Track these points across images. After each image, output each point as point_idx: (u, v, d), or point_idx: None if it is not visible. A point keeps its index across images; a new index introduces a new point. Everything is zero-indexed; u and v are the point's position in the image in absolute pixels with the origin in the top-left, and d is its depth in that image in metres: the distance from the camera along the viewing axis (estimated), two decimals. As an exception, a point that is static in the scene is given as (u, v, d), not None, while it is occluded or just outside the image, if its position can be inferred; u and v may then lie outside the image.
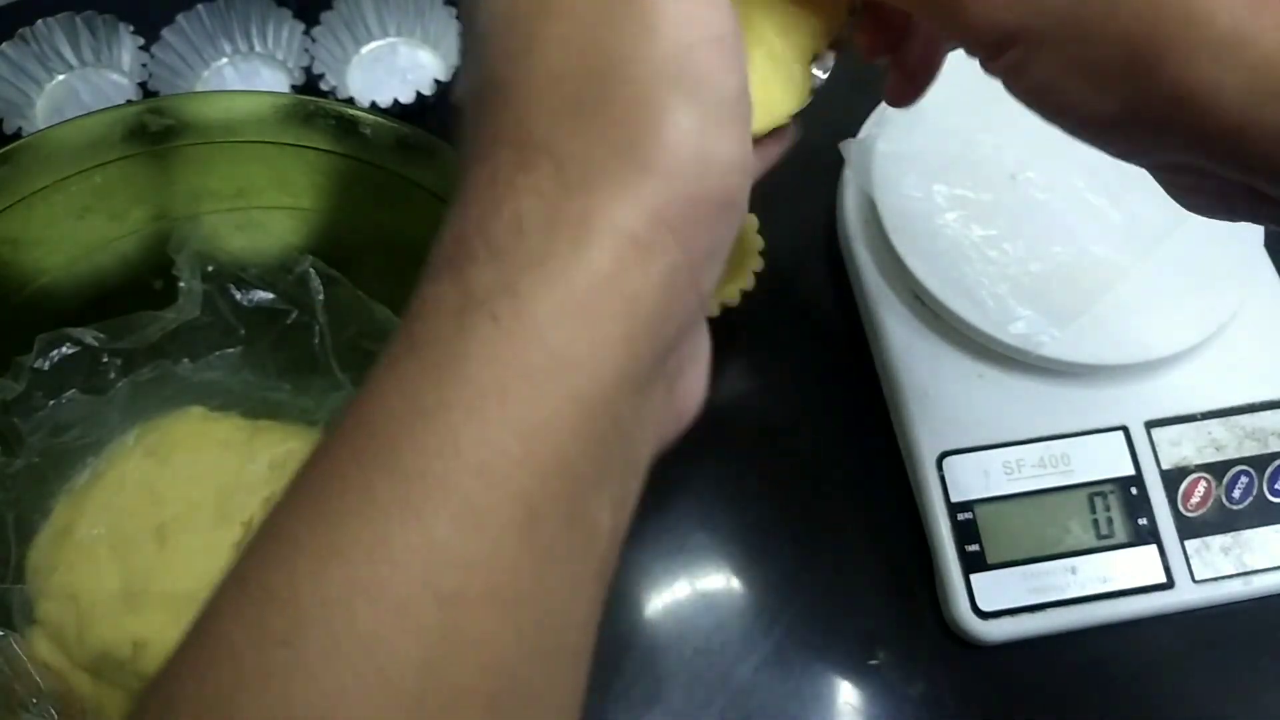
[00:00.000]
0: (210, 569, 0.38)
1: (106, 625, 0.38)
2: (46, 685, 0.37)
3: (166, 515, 0.40)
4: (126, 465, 0.42)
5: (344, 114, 0.41)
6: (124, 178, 0.42)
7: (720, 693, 0.43)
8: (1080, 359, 0.45)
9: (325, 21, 0.55)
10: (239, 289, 0.44)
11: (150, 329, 0.42)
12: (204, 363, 0.45)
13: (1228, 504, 0.45)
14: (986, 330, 0.45)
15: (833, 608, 0.45)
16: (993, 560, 0.43)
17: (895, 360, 0.47)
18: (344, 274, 0.43)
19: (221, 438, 0.42)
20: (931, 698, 0.44)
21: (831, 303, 0.51)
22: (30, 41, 0.54)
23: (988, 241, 0.46)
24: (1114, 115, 0.23)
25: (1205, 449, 0.46)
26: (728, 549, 0.46)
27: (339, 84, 0.54)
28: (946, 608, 0.44)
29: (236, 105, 0.42)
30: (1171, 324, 0.45)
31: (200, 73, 0.56)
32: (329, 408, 0.44)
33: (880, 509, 0.47)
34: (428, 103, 0.53)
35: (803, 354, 0.50)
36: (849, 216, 0.50)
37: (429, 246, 0.23)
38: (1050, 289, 0.45)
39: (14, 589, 0.39)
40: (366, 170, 0.42)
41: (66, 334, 0.42)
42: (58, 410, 0.42)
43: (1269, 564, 0.44)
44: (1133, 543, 0.44)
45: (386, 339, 0.22)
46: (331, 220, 0.43)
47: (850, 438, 0.48)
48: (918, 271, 0.46)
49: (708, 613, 0.45)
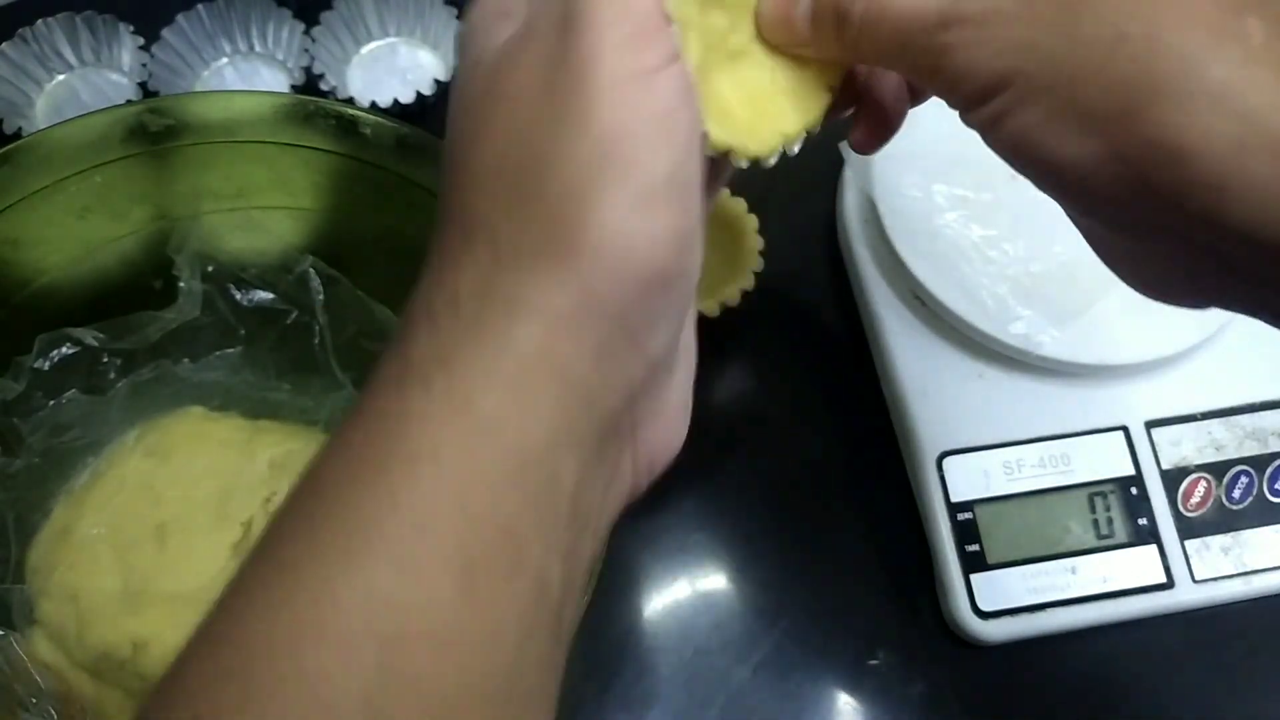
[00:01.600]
0: (210, 569, 0.38)
1: (106, 625, 0.38)
2: (46, 685, 0.37)
3: (166, 515, 0.40)
4: (126, 465, 0.42)
5: (344, 114, 0.41)
6: (124, 178, 0.42)
7: (720, 693, 0.43)
8: (1080, 359, 0.45)
9: (325, 21, 0.55)
10: (239, 289, 0.44)
11: (150, 329, 0.42)
12: (204, 363, 0.45)
13: (1228, 504, 0.45)
14: (986, 330, 0.45)
15: (833, 608, 0.45)
16: (993, 560, 0.43)
17: (895, 360, 0.47)
18: (344, 274, 0.43)
19: (221, 438, 0.42)
20: (931, 698, 0.44)
21: (831, 303, 0.51)
22: (30, 41, 0.54)
23: (988, 241, 0.46)
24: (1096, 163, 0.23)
25: (1205, 449, 0.46)
26: (728, 549, 0.46)
27: (339, 84, 0.54)
28: (946, 608, 0.44)
29: (236, 105, 0.42)
30: (1171, 324, 0.45)
31: (200, 73, 0.56)
32: (329, 408, 0.44)
33: (880, 509, 0.47)
34: (428, 103, 0.53)
35: (803, 354, 0.50)
36: (849, 216, 0.50)
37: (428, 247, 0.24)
38: (1050, 289, 0.45)
39: (14, 589, 0.39)
40: (366, 170, 0.42)
41: (66, 334, 0.42)
42: (58, 410, 0.42)
43: (1269, 564, 0.44)
44: (1133, 543, 0.44)
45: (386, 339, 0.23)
46: (331, 220, 0.43)
47: (850, 438, 0.48)
48: (918, 271, 0.46)
49: (708, 613, 0.45)
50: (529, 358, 0.23)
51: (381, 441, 0.23)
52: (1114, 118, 0.22)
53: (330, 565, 0.21)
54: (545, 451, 0.23)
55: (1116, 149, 0.22)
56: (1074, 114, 0.23)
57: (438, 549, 0.22)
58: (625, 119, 0.23)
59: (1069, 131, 0.23)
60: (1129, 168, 0.22)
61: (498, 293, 0.23)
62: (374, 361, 0.24)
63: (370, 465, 0.22)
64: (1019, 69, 0.23)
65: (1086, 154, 0.23)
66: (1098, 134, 0.23)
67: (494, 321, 0.23)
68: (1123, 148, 0.22)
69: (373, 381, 0.24)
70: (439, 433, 0.22)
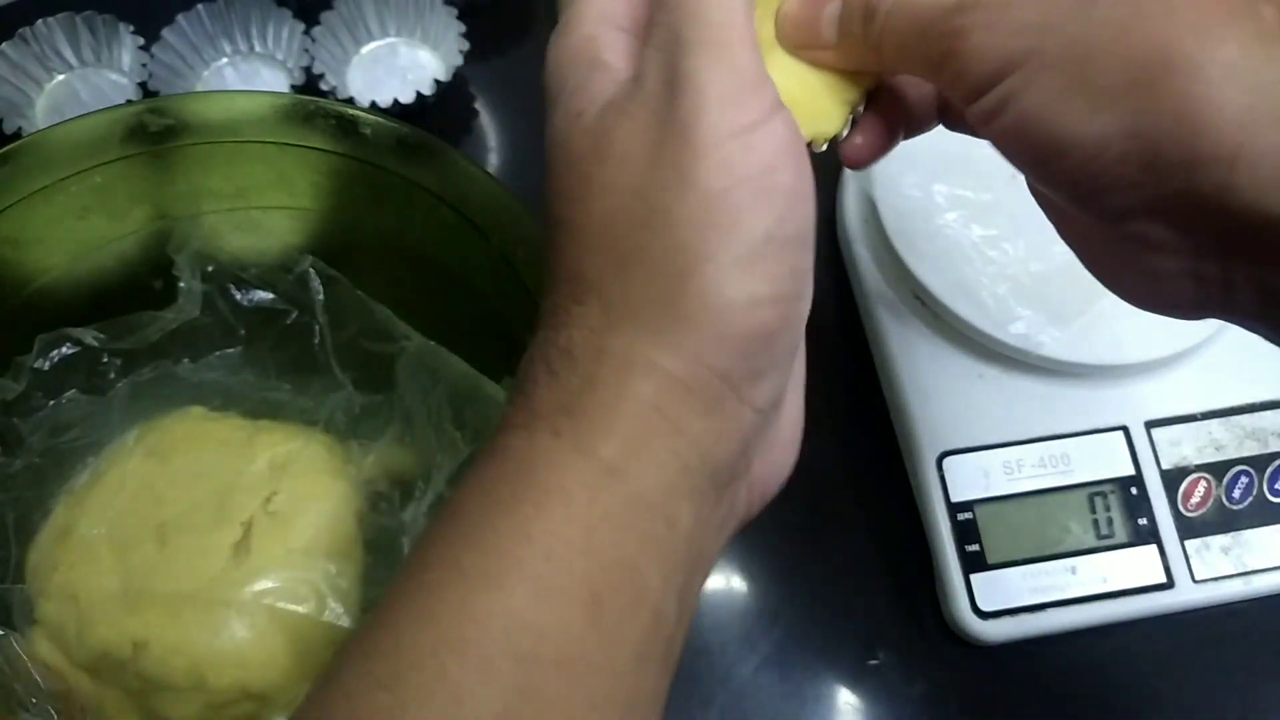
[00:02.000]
0: (210, 569, 0.38)
1: (106, 625, 0.38)
2: (46, 685, 0.37)
3: (166, 515, 0.40)
4: (126, 465, 0.42)
5: (344, 114, 0.41)
6: (124, 178, 0.42)
7: (720, 693, 0.43)
8: (1080, 359, 0.45)
9: (325, 21, 0.55)
10: (239, 289, 0.44)
11: (150, 329, 0.42)
12: (204, 363, 0.45)
13: (1228, 504, 0.45)
14: (986, 330, 0.45)
15: (833, 608, 0.45)
16: (993, 560, 0.43)
17: (895, 360, 0.47)
18: (344, 274, 0.43)
19: (221, 438, 0.42)
20: (931, 698, 0.44)
21: (831, 303, 0.51)
22: (30, 41, 0.54)
23: (988, 241, 0.46)
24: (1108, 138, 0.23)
25: (1205, 449, 0.46)
26: (728, 549, 0.46)
27: (339, 84, 0.54)
28: (946, 608, 0.44)
29: (236, 105, 0.42)
30: (1171, 324, 0.45)
31: (200, 73, 0.56)
32: (329, 408, 0.44)
33: (880, 509, 0.47)
34: (428, 103, 0.53)
35: (803, 354, 0.50)
36: (849, 216, 0.50)
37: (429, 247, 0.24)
38: (1050, 289, 0.45)
39: (14, 589, 0.39)
40: (366, 170, 0.42)
41: (66, 334, 0.42)
42: (58, 410, 0.42)
43: (1269, 564, 0.44)
44: (1133, 543, 0.44)
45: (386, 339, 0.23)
46: (331, 220, 0.43)
47: (850, 438, 0.48)
48: (918, 271, 0.46)
49: (708, 613, 0.45)
50: (643, 413, 0.24)
51: (514, 479, 0.24)
52: (1129, 91, 0.23)
53: (471, 587, 0.23)
54: (663, 497, 0.24)
55: (1130, 123, 0.23)
56: (1088, 90, 0.23)
57: (567, 578, 0.23)
58: (724, 179, 0.24)
59: (1083, 107, 0.23)
60: (1141, 142, 0.23)
61: (610, 351, 0.24)
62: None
63: (505, 500, 0.24)
64: (1033, 48, 0.23)
65: (1098, 129, 0.23)
66: (1112, 108, 0.23)
67: (608, 379, 0.24)
68: (1137, 121, 0.23)
69: (502, 425, 0.25)
70: (565, 475, 0.24)
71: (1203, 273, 0.25)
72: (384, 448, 0.42)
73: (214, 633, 0.37)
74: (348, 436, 0.43)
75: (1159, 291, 0.27)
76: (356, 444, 0.42)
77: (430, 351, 0.41)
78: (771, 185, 0.24)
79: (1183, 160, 0.22)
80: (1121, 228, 0.25)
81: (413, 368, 0.41)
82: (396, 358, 0.41)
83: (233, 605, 0.37)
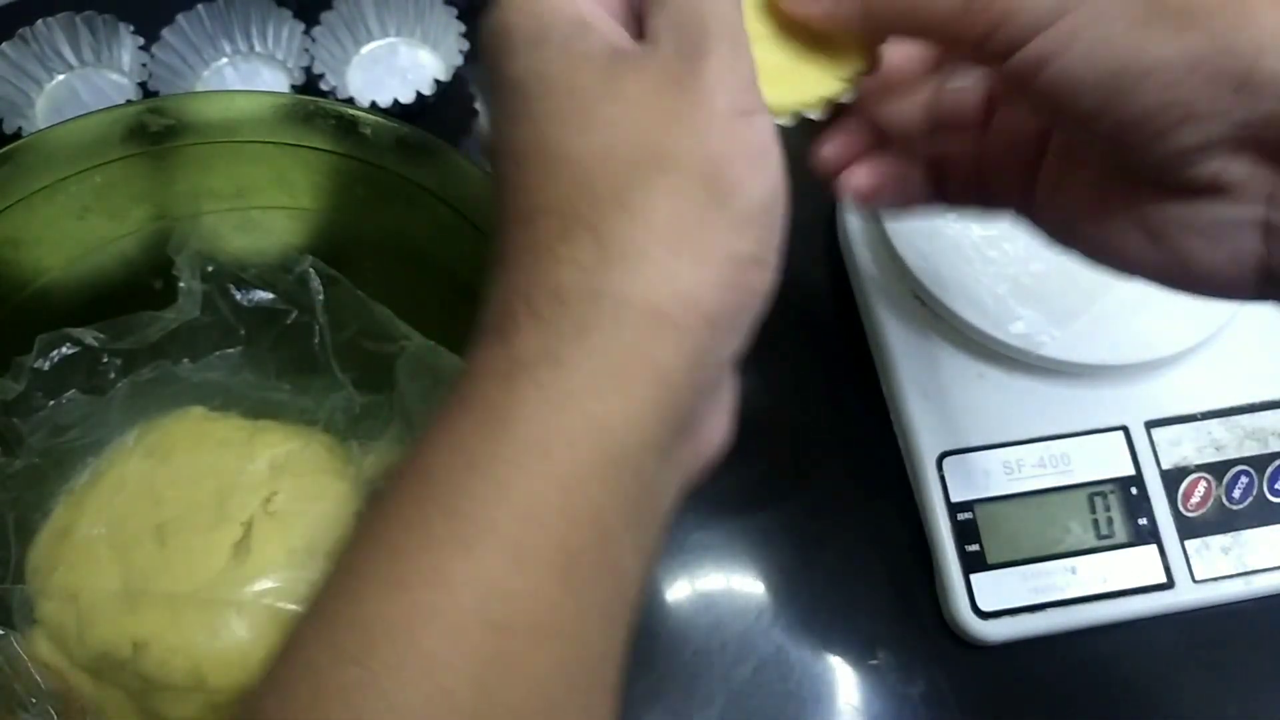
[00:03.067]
0: (210, 569, 0.38)
1: (106, 625, 0.38)
2: (46, 685, 0.37)
3: (166, 515, 0.40)
4: (126, 465, 0.42)
5: (344, 114, 0.41)
6: (124, 178, 0.42)
7: (720, 693, 0.43)
8: (1080, 359, 0.45)
9: (325, 21, 0.55)
10: (239, 289, 0.44)
11: (150, 329, 0.42)
12: (204, 363, 0.45)
13: (1228, 504, 0.45)
14: (986, 330, 0.45)
15: (833, 608, 0.45)
16: (993, 560, 0.43)
17: (895, 360, 0.47)
18: (344, 274, 0.43)
19: (221, 438, 0.42)
20: (931, 698, 0.44)
21: (831, 303, 0.51)
22: (30, 41, 0.54)
23: (988, 241, 0.46)
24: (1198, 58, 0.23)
25: (1205, 449, 0.46)
26: (728, 549, 0.46)
27: (339, 84, 0.54)
28: (946, 608, 0.44)
29: (236, 105, 0.42)
30: (1171, 324, 0.45)
31: (200, 73, 0.56)
32: (329, 408, 0.44)
33: (880, 509, 0.47)
34: (428, 103, 0.53)
35: (803, 354, 0.50)
36: (849, 216, 0.50)
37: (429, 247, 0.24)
38: (1050, 289, 0.45)
39: (14, 589, 0.39)
40: (366, 170, 0.42)
41: (66, 334, 0.42)
42: (58, 410, 0.42)
43: (1269, 564, 0.44)
44: (1133, 543, 0.44)
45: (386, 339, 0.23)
46: (331, 220, 0.43)
47: (850, 438, 0.48)
48: (918, 271, 0.46)
49: (708, 613, 0.45)
50: (634, 361, 0.23)
51: (491, 432, 0.23)
52: (1223, 5, 0.23)
53: (443, 553, 0.22)
54: (639, 453, 0.24)
55: (1224, 40, 0.23)
56: (1168, 10, 0.23)
57: (544, 541, 0.22)
58: (732, 146, 0.24)
59: (1164, 29, 0.23)
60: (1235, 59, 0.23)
61: (606, 291, 0.23)
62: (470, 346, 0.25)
63: (480, 459, 0.23)
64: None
65: (1185, 50, 0.23)
66: (1204, 24, 0.23)
67: (602, 321, 0.23)
68: (1230, 38, 0.23)
69: (475, 370, 0.24)
70: (547, 430, 0.23)
71: (1275, 221, 0.24)
72: (384, 448, 0.42)
73: (214, 633, 0.37)
74: (348, 436, 0.43)
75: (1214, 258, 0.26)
76: (356, 444, 0.42)
77: (430, 351, 0.41)
78: (766, 164, 0.25)
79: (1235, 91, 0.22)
80: (1190, 172, 0.25)
81: (413, 368, 0.41)
82: (396, 358, 0.41)
83: (233, 605, 0.37)
